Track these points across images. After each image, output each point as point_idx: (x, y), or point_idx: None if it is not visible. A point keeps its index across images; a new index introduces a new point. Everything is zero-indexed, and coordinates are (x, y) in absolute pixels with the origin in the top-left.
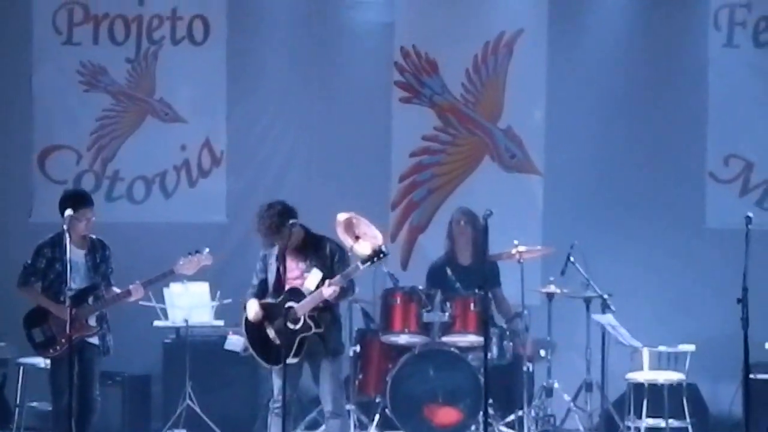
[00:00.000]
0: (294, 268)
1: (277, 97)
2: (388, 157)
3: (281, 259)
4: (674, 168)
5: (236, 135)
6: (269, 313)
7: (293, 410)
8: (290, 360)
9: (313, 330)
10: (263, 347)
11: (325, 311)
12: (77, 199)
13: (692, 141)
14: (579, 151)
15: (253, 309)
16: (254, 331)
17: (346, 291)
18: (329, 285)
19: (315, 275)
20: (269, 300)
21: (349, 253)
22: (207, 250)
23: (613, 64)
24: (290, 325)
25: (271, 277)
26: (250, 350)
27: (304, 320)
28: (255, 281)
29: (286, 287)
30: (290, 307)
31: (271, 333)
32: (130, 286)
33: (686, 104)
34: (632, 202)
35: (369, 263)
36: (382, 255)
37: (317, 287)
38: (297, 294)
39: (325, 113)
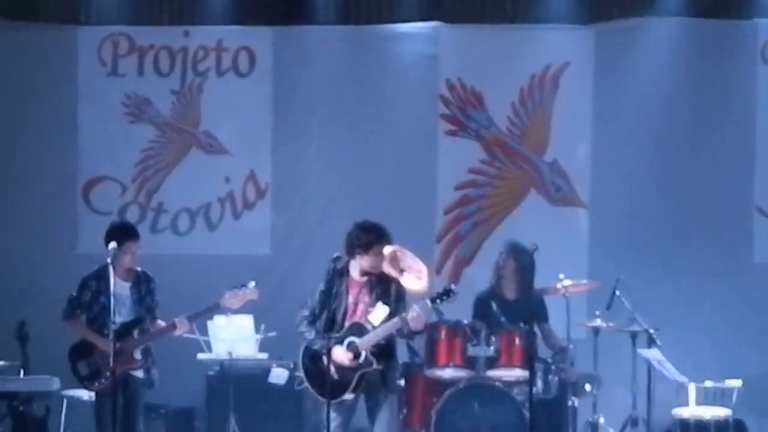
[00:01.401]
0: (359, 301)
1: (323, 129)
2: (434, 189)
3: (346, 291)
4: (722, 202)
5: (281, 167)
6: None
7: None
8: (347, 396)
9: (374, 366)
10: (320, 380)
11: (386, 349)
12: (123, 232)
13: (740, 175)
14: (625, 185)
15: (346, 356)
16: (311, 364)
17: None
18: (413, 311)
19: (381, 310)
20: (332, 334)
21: None
22: (253, 283)
23: (659, 98)
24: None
25: (341, 309)
26: (306, 383)
27: (366, 356)
28: (307, 311)
29: (349, 320)
30: (352, 342)
31: (331, 367)
32: (176, 320)
33: (734, 137)
34: (679, 236)
35: (438, 301)
36: (451, 294)
37: (382, 322)
38: (359, 329)
39: (370, 145)
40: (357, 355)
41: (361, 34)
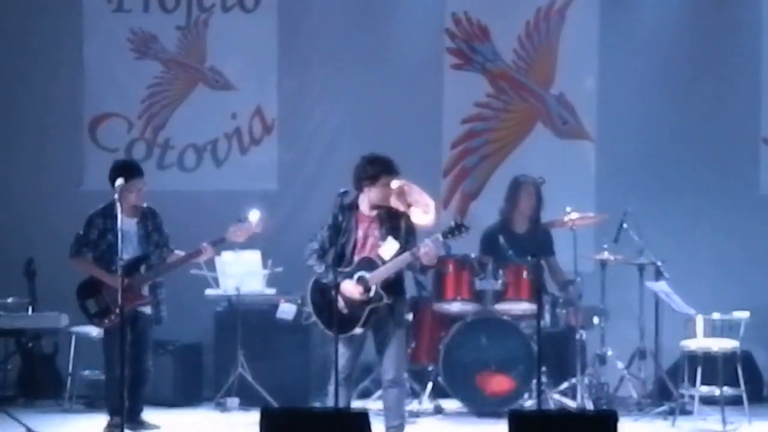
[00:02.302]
0: (368, 235)
1: (329, 64)
2: (440, 124)
3: (355, 225)
4: (728, 134)
5: (288, 103)
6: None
7: (354, 379)
8: (356, 330)
9: (384, 300)
10: (329, 315)
11: (394, 282)
12: (127, 170)
13: (746, 106)
14: (631, 117)
15: (357, 290)
16: (321, 298)
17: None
18: (425, 246)
19: (391, 245)
20: (341, 269)
21: None
22: (257, 215)
23: (665, 29)
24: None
25: (350, 244)
26: (314, 317)
27: (376, 290)
28: (317, 245)
29: (358, 255)
30: (362, 277)
31: (340, 302)
32: (202, 245)
33: (740, 69)
34: (686, 168)
35: (450, 236)
36: (463, 229)
37: (393, 257)
38: (369, 263)
39: (376, 81)
40: (367, 290)
41: None
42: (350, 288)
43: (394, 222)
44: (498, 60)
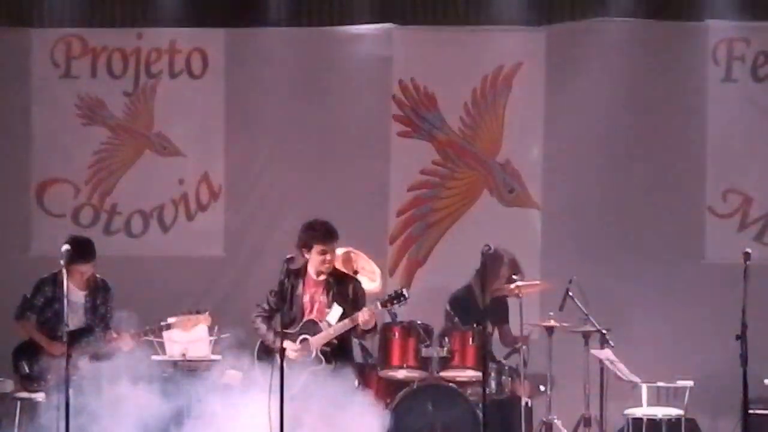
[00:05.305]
0: (315, 300)
1: (276, 130)
2: (387, 191)
3: (303, 290)
4: (673, 202)
5: (235, 169)
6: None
7: None
8: (293, 391)
9: (323, 365)
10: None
11: (338, 348)
12: (75, 252)
13: (691, 175)
14: (577, 186)
15: (296, 349)
16: (266, 357)
17: (374, 327)
18: (363, 314)
19: (336, 310)
20: (288, 330)
21: None
22: (207, 312)
23: (611, 98)
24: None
25: (296, 307)
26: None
27: (316, 353)
28: (266, 305)
29: (305, 318)
30: (305, 339)
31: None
32: (123, 335)
33: (685, 138)
34: (631, 237)
35: (389, 305)
36: (402, 299)
37: (337, 322)
38: (313, 325)
39: (323, 147)
40: (307, 352)
41: (313, 36)
42: (291, 348)
43: (341, 287)
44: (444, 127)
